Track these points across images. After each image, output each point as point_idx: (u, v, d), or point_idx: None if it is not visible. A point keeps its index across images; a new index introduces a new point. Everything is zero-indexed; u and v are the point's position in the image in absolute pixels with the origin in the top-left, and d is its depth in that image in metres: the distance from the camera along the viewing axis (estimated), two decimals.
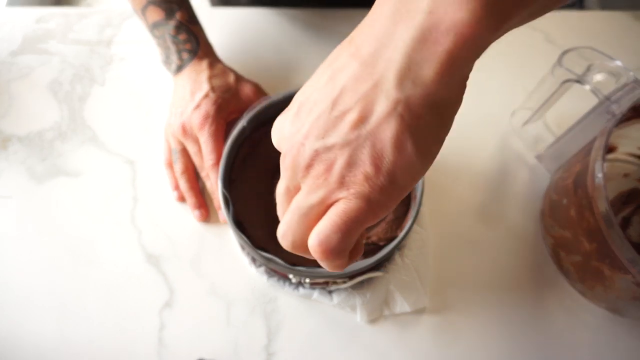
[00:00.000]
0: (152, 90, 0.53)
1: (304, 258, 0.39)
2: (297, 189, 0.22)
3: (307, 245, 0.22)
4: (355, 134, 0.20)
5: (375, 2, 0.20)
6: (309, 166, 0.21)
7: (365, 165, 0.20)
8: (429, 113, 0.20)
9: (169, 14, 0.45)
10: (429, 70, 0.19)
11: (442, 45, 0.18)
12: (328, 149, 0.20)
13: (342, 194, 0.20)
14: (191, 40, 0.45)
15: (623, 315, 0.41)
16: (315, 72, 0.23)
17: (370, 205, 0.20)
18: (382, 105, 0.19)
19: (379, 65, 0.20)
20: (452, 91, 0.20)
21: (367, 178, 0.20)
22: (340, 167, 0.20)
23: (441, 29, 0.18)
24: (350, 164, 0.20)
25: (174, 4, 0.45)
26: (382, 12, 0.20)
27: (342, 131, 0.20)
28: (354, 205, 0.20)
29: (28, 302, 0.43)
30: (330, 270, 0.23)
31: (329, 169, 0.21)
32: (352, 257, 0.23)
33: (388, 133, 0.19)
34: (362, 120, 0.20)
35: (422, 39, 0.18)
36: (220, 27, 0.57)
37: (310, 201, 0.21)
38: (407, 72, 0.19)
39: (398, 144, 0.20)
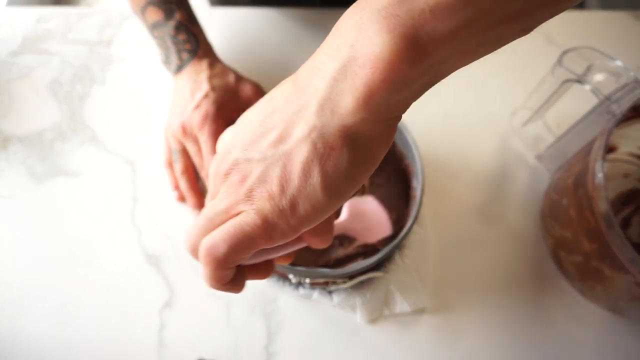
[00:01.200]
0: (152, 90, 0.53)
1: (304, 258, 0.39)
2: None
3: None
4: (272, 151, 0.20)
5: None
6: (227, 174, 0.21)
7: (272, 184, 0.20)
8: (343, 146, 0.19)
9: (169, 14, 0.45)
10: (347, 101, 0.19)
11: (360, 78, 0.18)
12: (247, 160, 0.21)
13: (245, 206, 0.21)
14: (191, 40, 0.45)
15: (623, 315, 0.41)
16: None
17: (266, 225, 0.20)
18: (300, 129, 0.20)
19: (307, 91, 0.20)
20: (372, 128, 0.19)
21: (271, 197, 0.20)
22: (251, 180, 0.20)
23: (359, 62, 0.18)
24: (261, 180, 0.20)
25: (173, 5, 0.45)
26: (323, 45, 0.20)
27: (262, 146, 0.21)
28: (251, 220, 0.20)
29: (28, 302, 0.43)
30: (207, 283, 0.22)
31: (243, 180, 0.21)
32: (232, 286, 0.23)
33: (299, 157, 0.20)
34: (281, 139, 0.20)
35: (343, 71, 0.19)
36: (220, 27, 0.57)
37: (218, 207, 0.21)
38: (327, 101, 0.19)
39: (305, 171, 0.20)
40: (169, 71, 0.47)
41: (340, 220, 0.37)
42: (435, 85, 0.20)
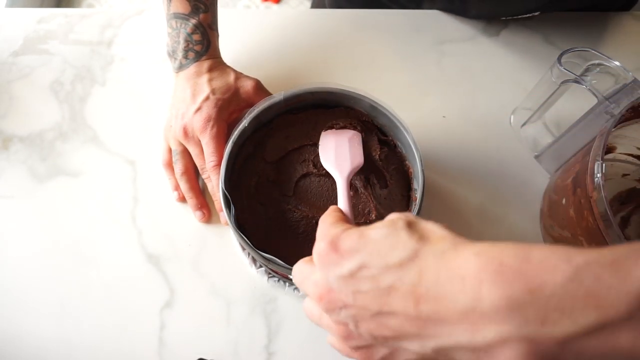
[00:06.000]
0: (153, 90, 0.53)
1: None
2: None
3: None
4: (386, 343, 0.24)
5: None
6: (340, 323, 0.25)
7: None
8: None
9: (194, 11, 0.45)
10: None
11: None
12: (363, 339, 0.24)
13: None
14: (203, 43, 0.45)
15: None
16: None
17: None
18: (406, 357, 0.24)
19: (430, 324, 0.21)
20: None
21: None
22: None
23: None
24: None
25: (201, 4, 0.45)
26: (451, 283, 0.21)
27: (375, 329, 0.23)
28: None
29: (28, 302, 0.43)
30: None
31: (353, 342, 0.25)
32: None
33: None
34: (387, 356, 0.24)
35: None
36: (220, 27, 0.57)
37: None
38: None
39: None
40: (172, 64, 0.47)
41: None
42: (434, 87, 0.20)
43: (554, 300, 0.18)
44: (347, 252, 0.23)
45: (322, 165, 0.42)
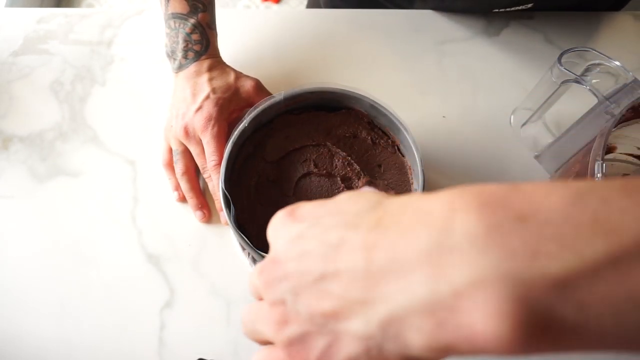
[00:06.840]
0: (153, 90, 0.53)
1: None
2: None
3: None
4: (321, 320, 0.18)
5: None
6: (273, 303, 0.20)
7: (311, 353, 0.18)
8: None
9: (193, 11, 0.45)
10: (417, 339, 0.15)
11: (449, 332, 0.14)
12: (295, 311, 0.19)
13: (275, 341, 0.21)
14: (202, 43, 0.45)
15: None
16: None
17: None
18: (359, 324, 0.17)
19: (381, 283, 0.16)
20: None
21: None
22: (291, 331, 0.19)
23: (457, 320, 0.14)
24: (301, 340, 0.19)
25: (199, 3, 0.45)
26: (422, 223, 0.16)
27: (313, 305, 0.18)
28: None
29: (28, 302, 0.43)
30: None
31: (282, 323, 0.20)
32: None
33: (347, 349, 0.18)
34: (336, 315, 0.17)
35: (432, 306, 0.15)
36: (220, 27, 0.57)
37: (255, 327, 0.23)
38: (396, 321, 0.16)
39: None
40: (171, 65, 0.47)
41: None
42: (434, 87, 0.19)
43: (549, 228, 0.13)
44: (302, 216, 0.20)
45: (323, 165, 0.42)
